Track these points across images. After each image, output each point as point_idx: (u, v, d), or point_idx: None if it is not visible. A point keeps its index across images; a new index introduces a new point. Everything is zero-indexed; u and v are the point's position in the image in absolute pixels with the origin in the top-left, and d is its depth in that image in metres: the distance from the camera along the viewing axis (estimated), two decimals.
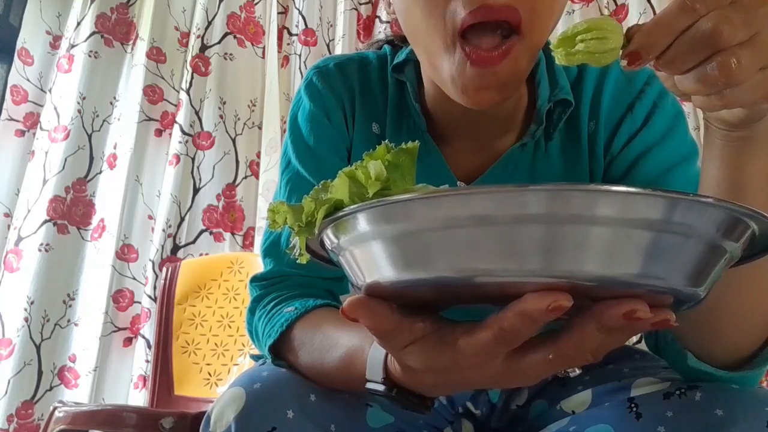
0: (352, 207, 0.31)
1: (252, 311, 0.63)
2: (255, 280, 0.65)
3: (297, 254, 0.37)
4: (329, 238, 0.34)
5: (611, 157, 0.62)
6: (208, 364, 1.52)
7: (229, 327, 1.54)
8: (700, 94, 0.35)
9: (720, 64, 0.32)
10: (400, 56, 0.65)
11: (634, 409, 0.50)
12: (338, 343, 0.49)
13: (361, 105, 0.66)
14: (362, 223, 0.31)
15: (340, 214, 0.32)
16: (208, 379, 1.50)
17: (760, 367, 0.46)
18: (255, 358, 0.65)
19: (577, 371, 0.35)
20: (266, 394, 0.50)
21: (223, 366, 1.51)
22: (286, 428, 0.48)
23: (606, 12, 1.89)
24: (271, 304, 0.61)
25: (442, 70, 0.52)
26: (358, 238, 0.32)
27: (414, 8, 0.51)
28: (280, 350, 0.57)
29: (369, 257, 0.32)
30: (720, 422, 0.44)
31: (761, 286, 0.45)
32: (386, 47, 0.69)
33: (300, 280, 0.62)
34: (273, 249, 0.64)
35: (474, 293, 0.31)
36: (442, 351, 0.34)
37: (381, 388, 0.41)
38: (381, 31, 1.92)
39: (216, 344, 1.53)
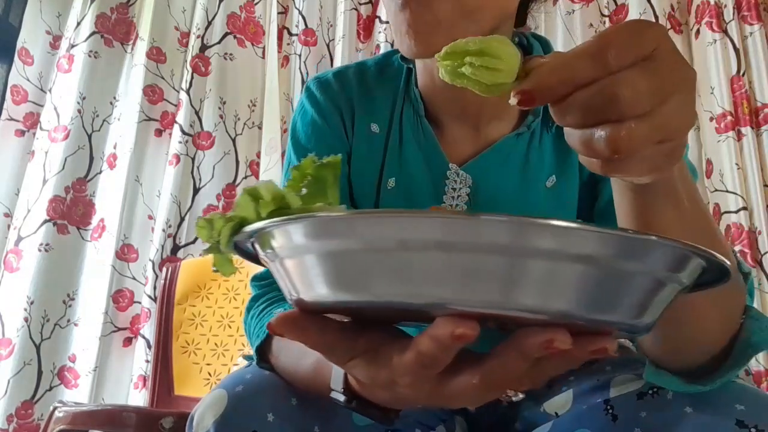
0: (276, 220, 0.30)
1: (248, 310, 0.64)
2: (255, 279, 0.66)
3: (216, 270, 0.36)
4: (258, 250, 0.33)
5: None
6: (208, 364, 1.51)
7: (229, 327, 1.53)
8: (583, 155, 0.32)
9: (609, 136, 0.29)
10: None
11: (610, 411, 0.50)
12: (310, 351, 0.50)
13: (360, 109, 0.69)
14: (269, 241, 0.30)
15: (241, 234, 0.31)
16: (208, 379, 1.50)
17: (715, 382, 0.45)
18: (247, 358, 0.65)
19: (520, 396, 0.34)
20: (247, 397, 0.51)
21: (223, 366, 1.51)
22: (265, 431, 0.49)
23: (606, 12, 1.88)
24: (264, 304, 0.62)
25: (395, 33, 0.55)
26: (280, 255, 0.31)
27: None
28: (266, 352, 0.57)
29: (294, 273, 0.31)
30: (690, 421, 0.44)
31: (709, 309, 0.44)
32: (390, 49, 0.75)
33: None
34: None
35: (409, 313, 0.29)
36: (381, 367, 0.33)
37: (342, 398, 0.40)
38: (381, 31, 1.92)
39: (216, 344, 1.53)
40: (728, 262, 0.29)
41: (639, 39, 0.29)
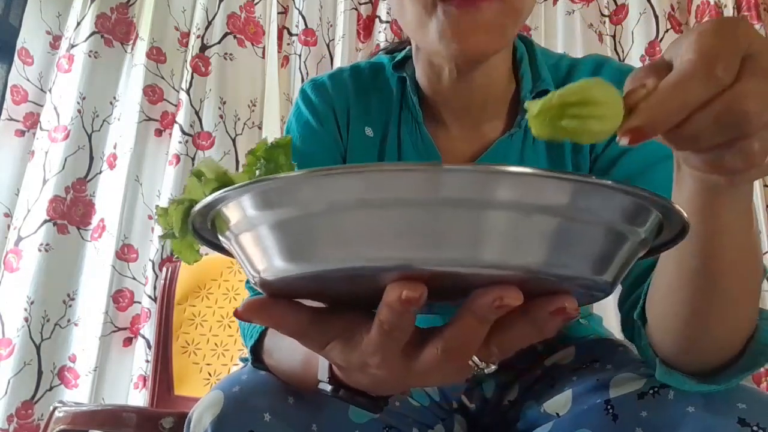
0: (198, 206, 0.29)
1: None
2: (249, 282, 0.66)
3: (177, 258, 0.36)
4: (219, 236, 0.32)
5: (596, 155, 0.63)
6: (208, 364, 1.51)
7: (229, 327, 1.53)
8: (708, 173, 0.31)
9: (745, 152, 0.28)
10: (398, 56, 0.69)
11: (611, 411, 0.50)
12: (300, 346, 0.50)
13: (355, 112, 0.69)
14: (239, 209, 0.29)
15: (192, 215, 0.31)
16: (208, 379, 1.50)
17: (729, 382, 0.45)
18: (243, 360, 0.66)
19: (492, 367, 0.33)
20: (243, 397, 0.51)
21: (223, 366, 1.51)
22: (263, 431, 0.49)
23: (606, 12, 1.88)
24: None
25: (429, 33, 0.54)
26: (235, 233, 0.30)
27: None
28: (260, 352, 0.58)
29: (251, 251, 0.30)
30: (691, 419, 0.44)
31: (737, 298, 0.43)
32: (382, 57, 0.73)
33: None
34: None
35: (372, 287, 0.28)
36: (352, 349, 0.33)
37: (328, 388, 0.40)
38: (381, 30, 1.92)
39: (216, 344, 1.53)
40: (686, 214, 0.28)
41: (736, 43, 0.28)
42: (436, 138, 0.66)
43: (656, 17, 1.81)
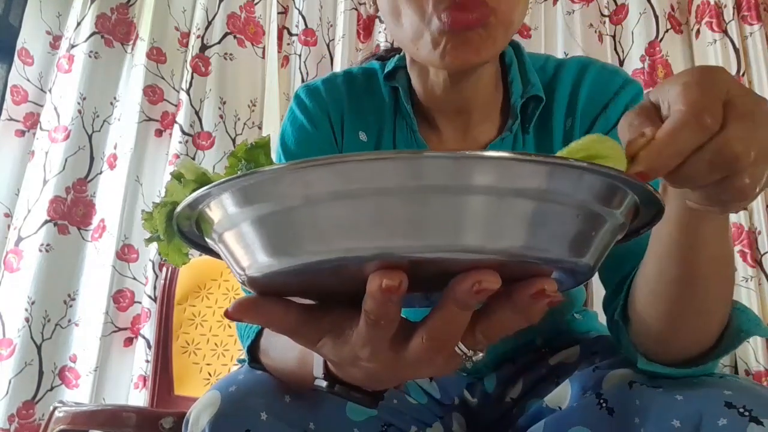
0: (180, 206, 0.29)
1: None
2: None
3: (164, 261, 0.37)
4: (205, 238, 0.33)
5: None
6: (208, 364, 1.52)
7: (229, 327, 1.54)
8: (706, 206, 0.35)
9: (736, 186, 0.32)
10: (390, 65, 0.70)
11: (604, 405, 0.51)
12: (295, 344, 0.50)
13: (349, 117, 0.70)
14: (220, 206, 0.29)
15: (175, 215, 0.31)
16: (208, 379, 1.50)
17: (706, 366, 0.48)
18: (240, 361, 0.66)
19: (480, 355, 0.34)
20: (240, 397, 0.52)
21: (223, 366, 1.51)
22: (259, 430, 0.50)
23: (606, 12, 1.88)
24: None
25: (423, 41, 0.55)
26: (219, 232, 0.30)
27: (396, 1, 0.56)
28: (256, 352, 0.58)
29: (235, 249, 0.30)
30: (680, 404, 0.46)
31: (714, 300, 0.47)
32: (373, 62, 0.74)
33: None
34: None
35: (356, 280, 0.28)
36: (343, 344, 0.33)
37: (324, 384, 0.41)
38: (381, 30, 1.92)
39: (216, 344, 1.53)
40: (660, 196, 0.30)
41: (717, 92, 0.32)
42: (430, 143, 0.67)
43: (656, 17, 1.81)
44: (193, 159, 1.86)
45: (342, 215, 0.26)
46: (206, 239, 0.32)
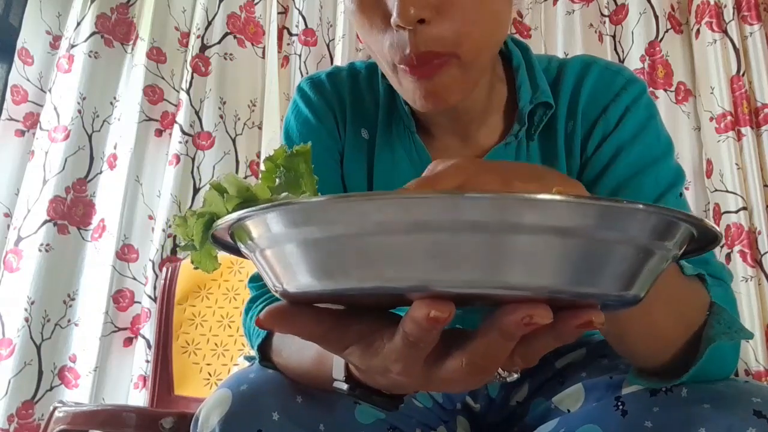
0: (219, 222, 0.30)
1: (246, 312, 0.64)
2: (252, 280, 0.66)
3: (196, 268, 0.36)
4: (238, 242, 0.33)
5: (586, 158, 0.63)
6: (208, 364, 1.52)
7: (229, 327, 1.53)
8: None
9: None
10: None
11: (621, 407, 0.50)
12: (311, 344, 0.50)
13: (351, 112, 0.68)
14: (245, 233, 0.30)
15: (211, 231, 0.31)
16: (208, 379, 1.50)
17: (683, 378, 0.47)
18: (248, 359, 0.65)
19: (515, 376, 0.34)
20: (252, 396, 0.51)
21: (223, 366, 1.51)
22: (271, 430, 0.49)
23: (606, 12, 1.88)
24: (263, 304, 0.62)
25: (396, 84, 0.56)
26: (257, 246, 0.30)
27: (362, 32, 0.56)
28: (267, 351, 0.58)
29: (275, 264, 0.31)
30: (707, 414, 0.45)
31: (661, 307, 0.46)
32: None
33: None
34: None
35: (392, 298, 0.29)
36: (373, 355, 0.33)
37: (344, 387, 0.41)
38: None
39: (216, 344, 1.53)
40: (717, 228, 0.30)
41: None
42: (429, 146, 0.66)
43: (656, 17, 1.81)
44: (193, 159, 1.86)
45: (389, 246, 0.26)
46: (241, 246, 0.32)
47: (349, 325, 0.34)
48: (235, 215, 0.29)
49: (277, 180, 0.34)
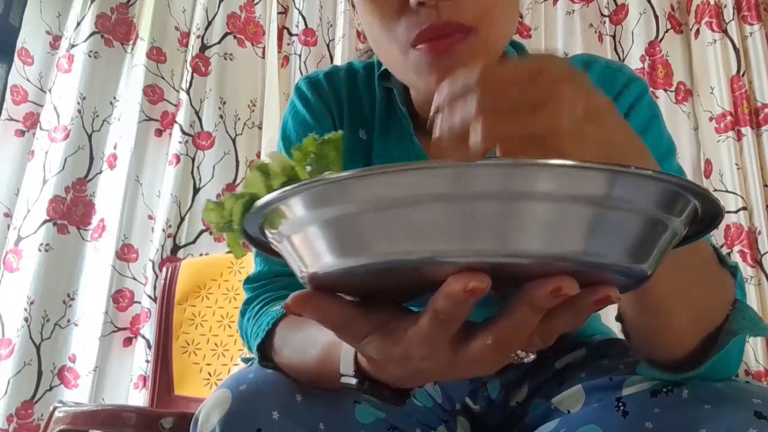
0: (263, 200, 0.30)
1: (242, 314, 0.65)
2: (247, 281, 0.66)
3: (228, 252, 0.37)
4: (267, 231, 0.34)
5: None
6: (208, 364, 1.52)
7: (229, 327, 1.53)
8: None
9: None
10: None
11: (622, 408, 0.50)
12: (317, 340, 0.50)
13: (349, 112, 0.68)
14: (295, 208, 0.30)
15: (254, 209, 0.31)
16: (208, 379, 1.50)
17: (699, 369, 0.47)
18: (245, 360, 0.65)
19: (532, 356, 0.35)
20: (251, 395, 0.51)
21: (223, 366, 1.51)
22: (271, 429, 0.49)
23: (606, 12, 1.89)
24: (259, 305, 0.62)
25: (406, 69, 0.55)
26: (289, 228, 0.31)
27: (372, 21, 0.55)
28: (267, 350, 0.57)
29: (304, 247, 0.31)
30: (708, 415, 0.45)
31: (686, 286, 0.45)
32: (375, 57, 0.72)
33: (288, 282, 0.64)
34: None
35: (416, 281, 0.30)
36: (394, 342, 0.34)
37: (353, 381, 0.41)
38: None
39: (216, 344, 1.53)
40: (721, 203, 0.30)
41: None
42: (428, 147, 0.65)
43: (656, 17, 1.81)
44: (193, 159, 1.86)
45: (432, 218, 0.27)
46: (269, 233, 0.33)
47: (368, 314, 0.35)
48: (281, 191, 0.29)
49: (308, 168, 0.35)
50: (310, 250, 0.31)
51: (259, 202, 0.31)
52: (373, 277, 0.30)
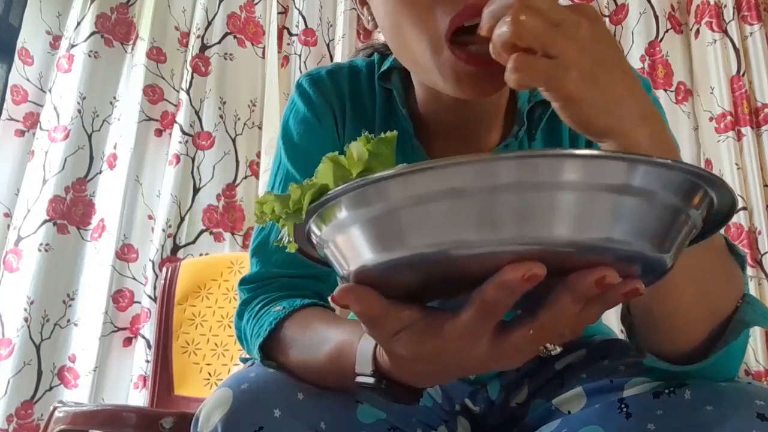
0: (336, 189, 0.31)
1: (240, 315, 0.64)
2: (243, 282, 0.66)
3: (286, 242, 0.37)
4: (314, 231, 0.35)
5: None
6: (208, 364, 1.52)
7: (229, 327, 1.53)
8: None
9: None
10: (386, 64, 0.66)
11: (624, 409, 0.50)
12: (328, 338, 0.50)
13: (351, 111, 0.67)
14: (344, 206, 0.31)
15: (326, 197, 0.32)
16: (208, 379, 1.50)
17: (708, 360, 0.47)
18: (244, 360, 0.65)
19: (558, 349, 0.36)
20: (253, 394, 0.50)
21: (223, 366, 1.51)
22: (273, 428, 0.49)
23: (606, 12, 1.89)
24: (259, 306, 0.62)
25: (432, 70, 0.51)
26: (339, 225, 0.32)
27: (398, 16, 0.51)
28: (269, 350, 0.57)
29: (350, 243, 0.33)
30: (711, 417, 0.45)
31: (695, 280, 0.46)
32: (375, 55, 0.70)
33: (286, 282, 0.63)
34: (261, 249, 0.66)
35: (455, 274, 0.31)
36: (429, 337, 0.35)
37: (370, 380, 0.41)
38: (380, 31, 1.92)
39: (216, 344, 1.53)
40: (734, 192, 0.32)
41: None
42: (428, 150, 0.65)
43: (656, 17, 1.81)
44: (193, 159, 1.86)
45: (484, 209, 0.28)
46: (317, 228, 0.34)
47: (403, 310, 0.35)
48: (358, 182, 0.30)
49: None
50: (358, 244, 0.32)
51: (332, 192, 0.31)
52: (416, 273, 0.32)
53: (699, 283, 0.45)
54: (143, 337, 1.70)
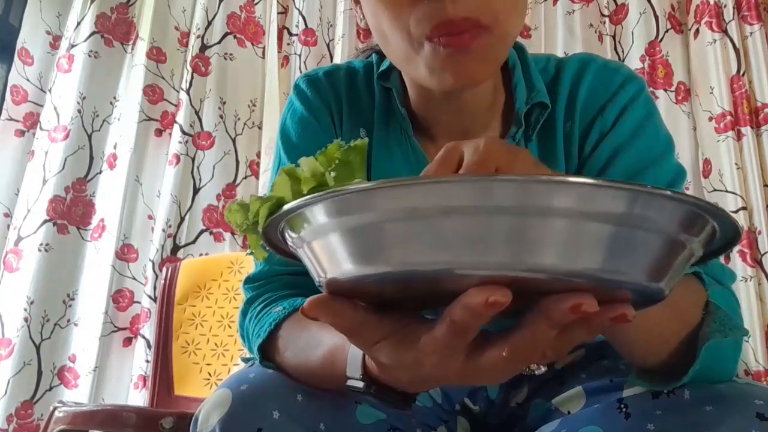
0: (291, 204, 0.31)
1: (244, 314, 0.64)
2: (247, 281, 0.66)
3: (247, 254, 0.37)
4: (287, 234, 0.34)
5: (584, 159, 0.63)
6: (208, 364, 1.52)
7: (229, 327, 1.53)
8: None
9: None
10: (385, 64, 0.67)
11: (624, 409, 0.50)
12: (322, 341, 0.50)
13: (348, 112, 0.67)
14: (303, 221, 0.31)
15: (279, 213, 0.32)
16: (208, 379, 1.50)
17: (682, 380, 0.47)
18: (245, 360, 0.65)
19: (542, 369, 0.36)
20: (252, 395, 0.50)
21: (223, 366, 1.51)
22: (272, 429, 0.49)
23: (606, 12, 1.89)
24: (261, 305, 0.62)
25: (416, 65, 0.53)
26: (312, 234, 0.32)
27: (380, 16, 0.53)
28: (268, 351, 0.57)
29: (322, 253, 0.32)
30: (710, 417, 0.45)
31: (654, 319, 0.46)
32: (374, 56, 0.71)
33: (289, 280, 0.63)
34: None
35: (431, 290, 0.30)
36: (407, 349, 0.34)
37: (360, 385, 0.41)
38: None
39: (216, 344, 1.53)
40: (740, 224, 0.31)
41: None
42: (426, 149, 0.65)
43: (656, 17, 1.81)
44: (193, 159, 1.86)
45: (454, 230, 0.27)
46: (288, 235, 0.33)
47: (382, 320, 0.35)
48: (309, 198, 0.30)
49: (332, 174, 0.35)
50: (330, 256, 0.31)
51: (287, 207, 0.31)
52: (390, 286, 0.31)
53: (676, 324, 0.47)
54: (143, 337, 1.70)
